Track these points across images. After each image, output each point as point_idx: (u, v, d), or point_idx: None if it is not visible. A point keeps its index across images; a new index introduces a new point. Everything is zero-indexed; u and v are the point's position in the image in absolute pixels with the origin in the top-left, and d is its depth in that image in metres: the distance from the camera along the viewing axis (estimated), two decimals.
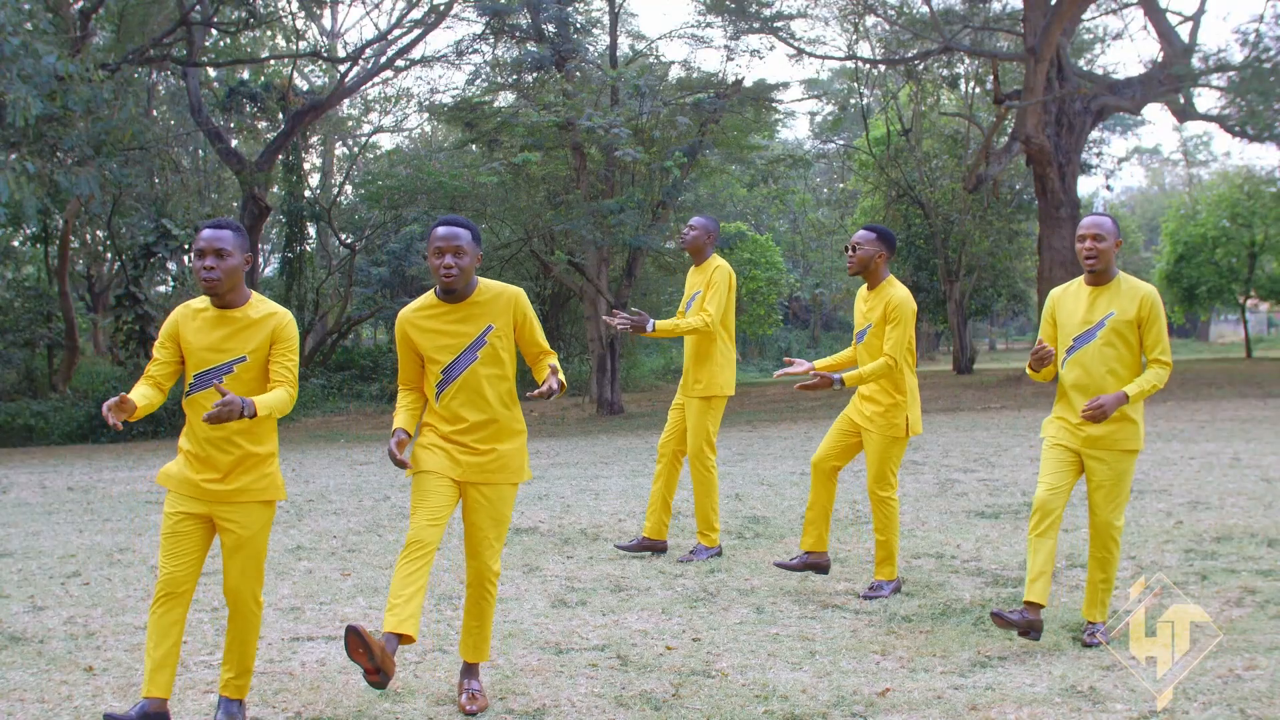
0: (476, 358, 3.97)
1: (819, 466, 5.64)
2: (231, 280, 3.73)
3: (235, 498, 3.75)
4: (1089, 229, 4.57)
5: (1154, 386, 4.48)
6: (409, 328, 4.02)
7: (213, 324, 3.76)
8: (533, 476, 4.10)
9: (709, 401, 6.52)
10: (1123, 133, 37.01)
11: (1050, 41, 18.62)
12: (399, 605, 3.77)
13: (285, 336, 3.79)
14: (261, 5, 20.98)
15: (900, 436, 5.47)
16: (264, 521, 3.82)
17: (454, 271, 3.90)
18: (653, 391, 27.00)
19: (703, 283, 6.53)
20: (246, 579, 3.80)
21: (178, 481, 3.77)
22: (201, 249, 3.70)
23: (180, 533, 3.72)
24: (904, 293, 5.45)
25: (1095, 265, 4.56)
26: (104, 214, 21.77)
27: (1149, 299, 4.53)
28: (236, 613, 3.82)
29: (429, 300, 4.04)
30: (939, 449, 11.54)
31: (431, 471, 3.95)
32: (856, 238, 5.53)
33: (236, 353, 3.74)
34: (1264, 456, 9.85)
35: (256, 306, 3.80)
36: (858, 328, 5.60)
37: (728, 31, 21.59)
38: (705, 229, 6.62)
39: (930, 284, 29.17)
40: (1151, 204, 51.19)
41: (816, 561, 5.70)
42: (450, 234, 3.92)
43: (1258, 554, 6.00)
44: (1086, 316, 4.58)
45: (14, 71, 13.37)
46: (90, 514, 8.96)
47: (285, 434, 18.42)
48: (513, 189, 19.66)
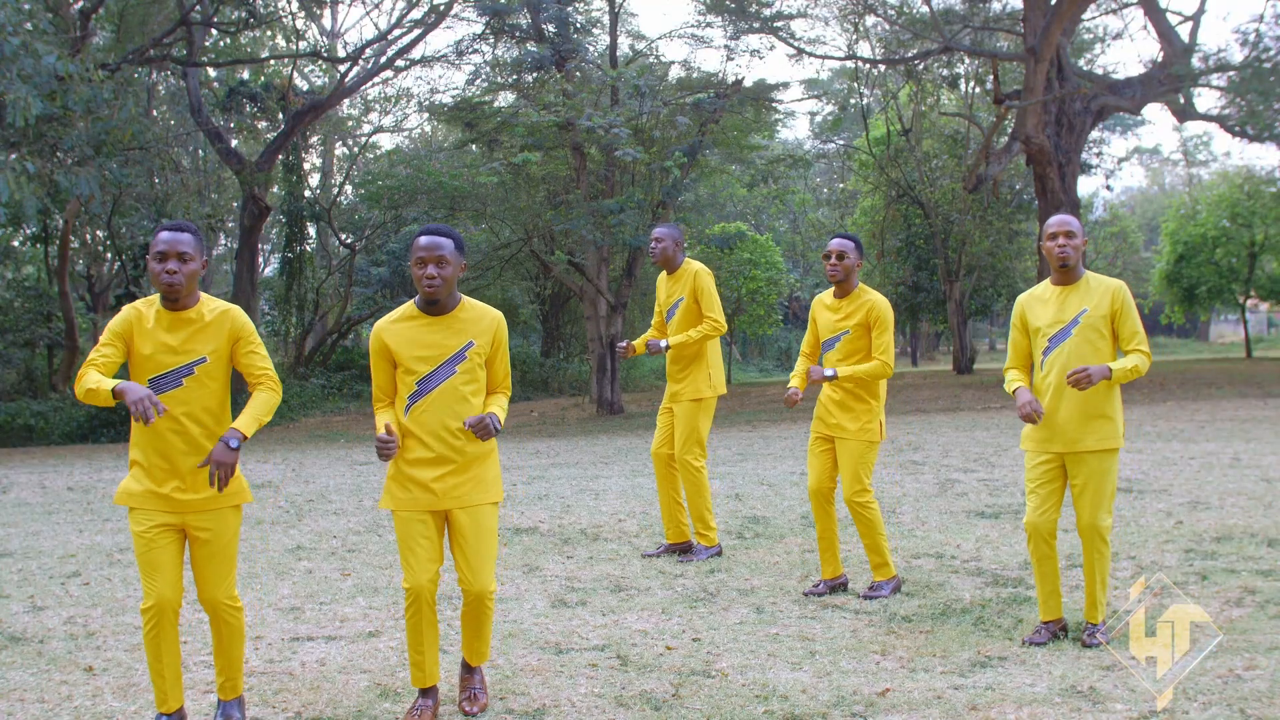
0: (455, 372, 3.89)
1: (818, 493, 5.61)
2: (191, 284, 3.69)
3: (207, 505, 3.70)
4: (1059, 227, 4.61)
5: (1136, 369, 4.49)
6: (386, 336, 3.92)
7: (167, 327, 3.69)
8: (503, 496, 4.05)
9: (700, 403, 6.52)
10: (1123, 133, 37.01)
11: (1050, 41, 18.62)
12: (420, 660, 3.92)
13: (246, 333, 3.76)
14: (261, 5, 20.99)
15: (875, 441, 5.49)
16: (235, 526, 3.79)
17: (437, 281, 3.82)
18: (653, 391, 27.00)
19: (683, 289, 6.54)
20: (221, 584, 3.76)
21: (142, 497, 3.68)
22: (163, 252, 3.63)
23: (158, 546, 3.65)
24: (882, 298, 5.52)
25: (1068, 261, 4.59)
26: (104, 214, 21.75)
27: (1119, 292, 4.56)
28: (216, 617, 3.80)
29: (409, 311, 3.96)
30: (939, 449, 11.53)
31: (411, 512, 3.87)
32: (841, 246, 5.50)
33: (196, 354, 3.69)
34: (1264, 456, 9.85)
35: (209, 305, 3.75)
36: (825, 335, 5.56)
37: (728, 31, 21.59)
38: (672, 237, 6.63)
39: (930, 284, 29.16)
40: (1151, 204, 51.17)
41: (840, 584, 5.69)
42: (433, 243, 3.83)
43: (1258, 554, 6.00)
44: (1058, 316, 4.61)
45: (14, 71, 13.37)
46: (90, 514, 8.95)
47: (285, 434, 18.42)
48: (513, 189, 19.67)
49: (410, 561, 3.86)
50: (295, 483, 10.67)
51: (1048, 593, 4.65)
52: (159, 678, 3.72)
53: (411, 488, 3.88)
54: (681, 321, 6.54)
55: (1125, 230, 39.91)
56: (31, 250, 25.59)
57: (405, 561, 3.87)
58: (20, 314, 23.07)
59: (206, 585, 3.75)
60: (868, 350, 5.45)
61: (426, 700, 3.94)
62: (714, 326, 6.45)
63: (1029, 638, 4.60)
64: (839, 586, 5.65)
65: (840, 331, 5.49)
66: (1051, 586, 4.63)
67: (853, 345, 5.46)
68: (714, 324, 6.46)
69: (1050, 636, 4.59)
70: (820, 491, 5.61)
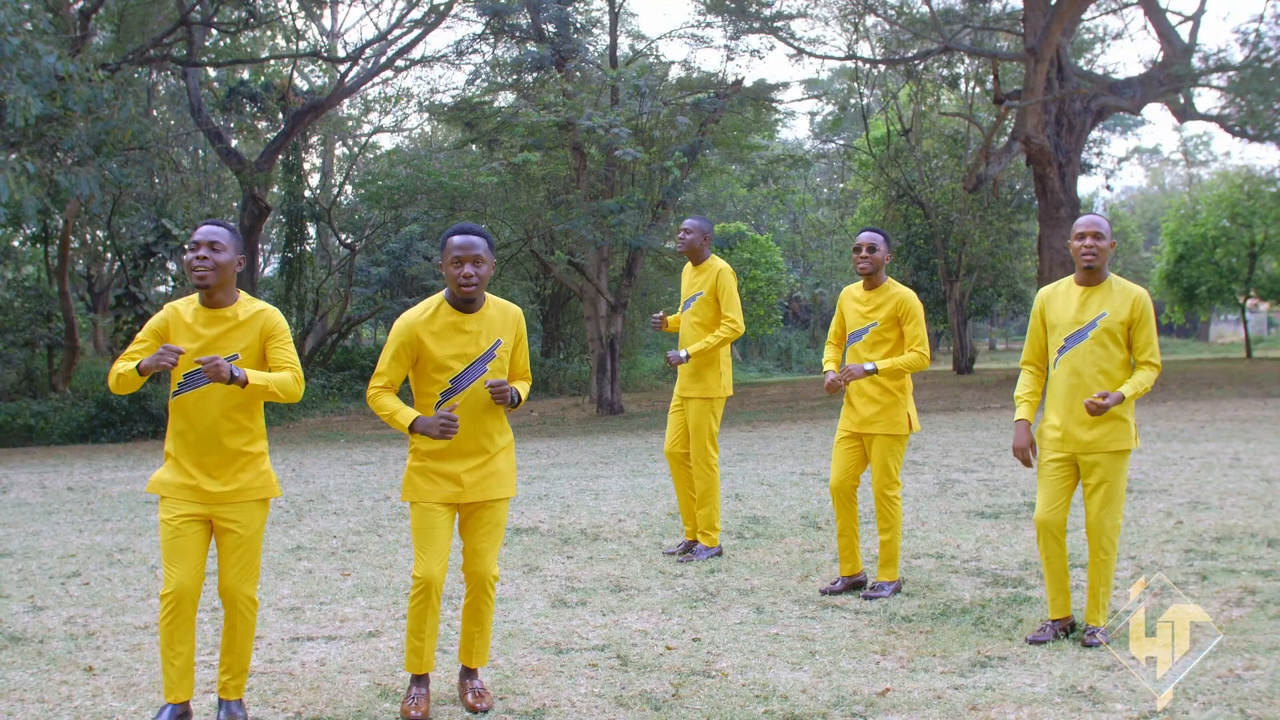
0: (486, 370, 3.96)
1: (840, 490, 5.61)
2: (222, 276, 3.75)
3: (235, 498, 3.77)
4: (1088, 227, 4.59)
5: (1145, 388, 4.53)
6: (422, 333, 3.92)
7: (204, 324, 3.77)
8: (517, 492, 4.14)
9: (710, 402, 6.54)
10: (1123, 133, 37.01)
11: (1050, 41, 18.62)
12: (420, 647, 3.95)
13: (278, 331, 3.82)
14: (261, 5, 20.99)
15: (903, 433, 5.53)
16: (262, 520, 3.85)
17: (474, 280, 3.86)
18: (653, 391, 27.00)
19: (704, 284, 6.55)
20: (244, 578, 3.81)
21: (174, 487, 3.76)
22: (196, 241, 3.74)
23: (183, 535, 3.73)
24: (910, 291, 5.58)
25: (1093, 263, 4.56)
26: (104, 214, 21.76)
27: (1140, 301, 4.55)
28: (233, 611, 3.83)
29: (440, 307, 3.97)
30: (939, 449, 11.53)
31: (432, 504, 3.94)
32: (871, 239, 5.54)
33: (228, 351, 3.76)
34: (1264, 456, 9.85)
35: (245, 306, 3.83)
36: (854, 328, 5.62)
37: (728, 31, 21.60)
38: (700, 230, 6.65)
39: (930, 284, 29.16)
40: (1151, 204, 51.17)
41: (857, 582, 5.69)
42: (468, 243, 3.87)
43: (1258, 554, 6.00)
44: (1078, 316, 4.60)
45: (14, 71, 13.37)
46: (90, 514, 8.95)
47: (285, 434, 18.42)
48: (513, 189, 19.67)
49: (426, 551, 3.91)
50: (295, 483, 10.67)
51: (1056, 590, 4.65)
52: (169, 666, 3.76)
53: (439, 480, 3.95)
54: (699, 315, 6.54)
55: (1125, 230, 39.90)
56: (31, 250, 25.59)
57: (420, 551, 3.93)
58: (20, 314, 23.06)
59: (229, 577, 3.80)
60: (895, 342, 5.51)
61: (421, 688, 3.98)
62: (732, 329, 6.47)
63: (1032, 635, 4.60)
64: (858, 585, 5.64)
65: (869, 324, 5.54)
66: (1060, 584, 4.64)
67: (880, 337, 5.51)
68: (732, 326, 6.47)
69: (1054, 635, 4.60)
70: (842, 489, 5.61)
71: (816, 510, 7.96)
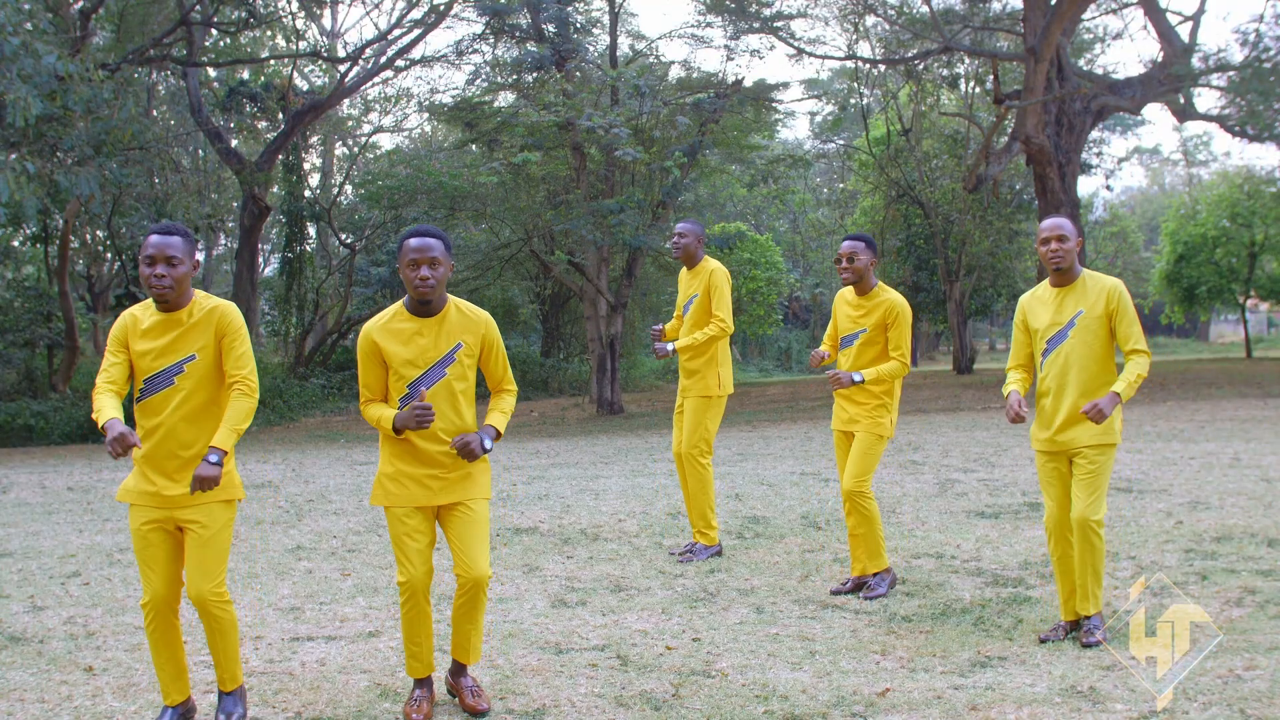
0: (445, 374, 3.92)
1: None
2: (181, 288, 3.73)
3: (195, 500, 3.74)
4: (1051, 231, 4.65)
5: (1140, 378, 4.53)
6: (379, 337, 3.92)
7: (160, 329, 3.76)
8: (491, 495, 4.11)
9: (709, 401, 6.54)
10: (1123, 133, 36.98)
11: (1050, 41, 18.61)
12: (417, 651, 3.98)
13: (233, 328, 3.79)
14: (261, 5, 20.99)
15: (885, 435, 5.58)
16: (225, 520, 3.80)
17: (430, 283, 3.83)
18: (653, 391, 27.00)
19: (700, 286, 6.57)
20: (206, 576, 3.72)
21: (137, 494, 3.77)
22: (151, 256, 3.69)
23: (152, 543, 3.74)
24: (901, 297, 5.61)
25: (1061, 264, 4.62)
26: (104, 214, 21.73)
27: (1115, 291, 4.59)
28: (204, 612, 3.77)
29: (398, 312, 3.96)
30: (939, 449, 11.53)
31: (405, 508, 3.92)
32: (851, 248, 5.57)
33: (185, 353, 3.75)
34: (1264, 456, 9.85)
35: (200, 304, 3.80)
36: (845, 332, 5.67)
37: (728, 31, 21.60)
38: (694, 234, 6.68)
39: (930, 284, 29.16)
40: (1151, 204, 51.15)
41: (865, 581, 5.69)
42: (423, 245, 3.84)
43: (1258, 554, 6.00)
44: (1055, 318, 4.65)
45: (14, 71, 13.36)
46: (90, 514, 8.95)
47: (285, 434, 18.41)
48: (513, 189, 19.67)
49: (405, 556, 3.90)
50: (295, 483, 10.66)
51: (1068, 593, 4.66)
52: (161, 671, 3.83)
53: (407, 483, 3.93)
54: (695, 318, 6.58)
55: (1125, 230, 39.92)
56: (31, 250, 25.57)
57: (400, 557, 3.92)
58: (20, 314, 23.04)
59: (193, 578, 3.75)
60: (883, 348, 5.55)
61: (423, 691, 3.99)
62: (720, 327, 6.48)
63: (1044, 634, 4.61)
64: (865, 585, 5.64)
65: (858, 329, 5.60)
66: (1071, 586, 4.65)
67: (869, 342, 5.56)
68: (720, 325, 6.48)
69: (1065, 636, 4.61)
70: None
71: (816, 510, 7.96)
